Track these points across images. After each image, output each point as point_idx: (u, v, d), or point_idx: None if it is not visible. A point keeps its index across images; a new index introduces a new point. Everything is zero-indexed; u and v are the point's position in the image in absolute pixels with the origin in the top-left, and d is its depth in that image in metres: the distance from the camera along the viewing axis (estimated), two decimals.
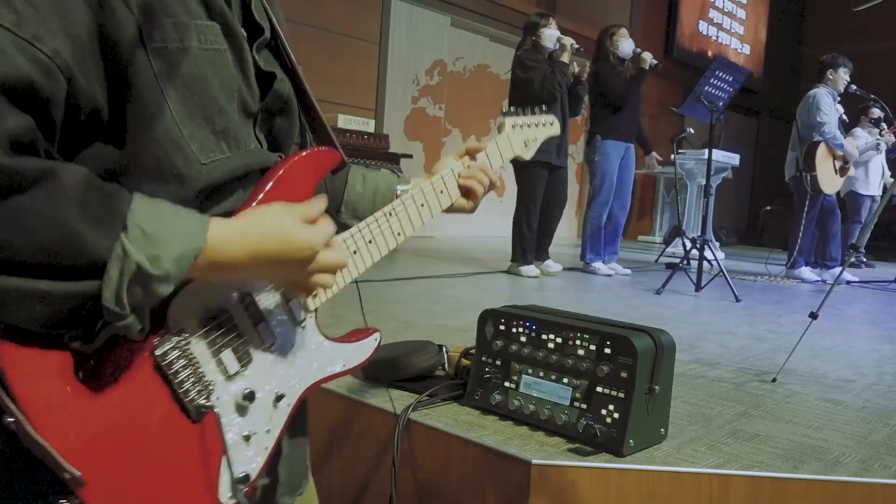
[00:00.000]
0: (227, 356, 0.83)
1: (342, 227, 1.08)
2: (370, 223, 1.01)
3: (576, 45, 4.70)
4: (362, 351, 1.01)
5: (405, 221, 1.05)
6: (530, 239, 4.74)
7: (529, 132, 1.26)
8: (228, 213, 0.80)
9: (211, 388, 0.80)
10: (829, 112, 5.45)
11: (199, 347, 0.80)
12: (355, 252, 0.98)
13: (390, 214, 1.03)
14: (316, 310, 0.95)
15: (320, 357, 0.95)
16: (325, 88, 6.36)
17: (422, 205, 1.08)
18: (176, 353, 0.77)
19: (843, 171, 5.63)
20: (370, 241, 1.00)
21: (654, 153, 5.74)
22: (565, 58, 4.66)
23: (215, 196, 0.82)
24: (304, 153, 0.89)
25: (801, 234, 5.58)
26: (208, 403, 0.80)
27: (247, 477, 0.85)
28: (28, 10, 0.67)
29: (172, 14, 0.77)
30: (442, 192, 1.11)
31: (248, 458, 0.85)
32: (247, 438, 0.85)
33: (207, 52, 0.81)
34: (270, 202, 0.83)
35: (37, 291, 0.64)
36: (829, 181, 5.57)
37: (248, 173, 0.86)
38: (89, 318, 0.68)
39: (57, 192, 0.64)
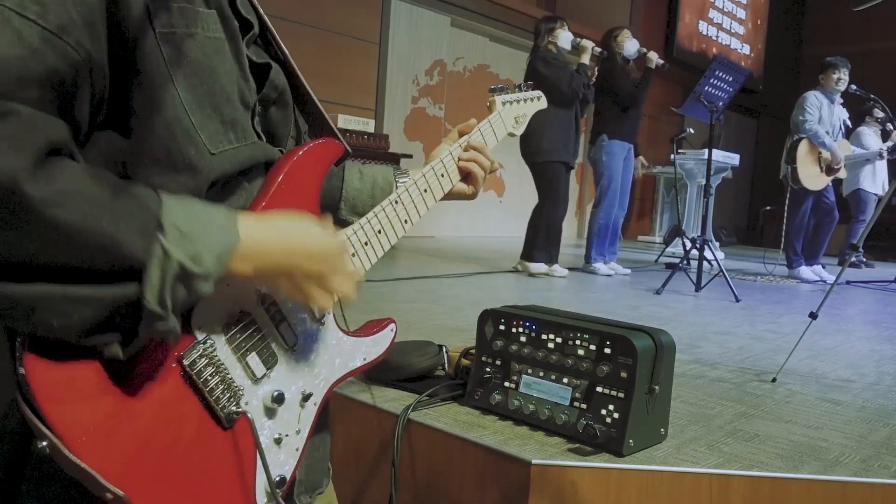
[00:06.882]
0: (253, 359, 0.81)
1: (342, 223, 1.07)
2: (378, 213, 1.00)
3: (597, 49, 4.71)
4: (380, 343, 1.01)
5: (411, 208, 1.04)
6: (548, 237, 4.72)
7: (519, 108, 1.27)
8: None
9: (240, 393, 0.79)
10: (812, 111, 5.59)
11: (225, 353, 0.78)
12: (366, 244, 0.97)
13: (396, 202, 1.02)
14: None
15: (341, 353, 0.94)
16: (325, 88, 6.36)
17: (425, 190, 1.07)
18: (204, 361, 0.76)
19: (829, 171, 5.65)
20: (380, 231, 0.99)
21: (640, 157, 5.76)
22: (585, 59, 4.67)
23: (222, 191, 0.81)
24: (306, 147, 0.87)
25: (784, 230, 5.63)
26: (239, 409, 0.79)
27: (283, 480, 0.84)
28: None
29: None
30: (443, 175, 1.10)
31: (280, 462, 0.84)
32: (278, 441, 0.84)
33: (211, 41, 0.79)
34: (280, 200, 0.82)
35: (76, 296, 0.62)
36: (812, 178, 5.62)
37: (252, 166, 0.84)
38: (126, 322, 0.65)
39: (85, 204, 0.61)
